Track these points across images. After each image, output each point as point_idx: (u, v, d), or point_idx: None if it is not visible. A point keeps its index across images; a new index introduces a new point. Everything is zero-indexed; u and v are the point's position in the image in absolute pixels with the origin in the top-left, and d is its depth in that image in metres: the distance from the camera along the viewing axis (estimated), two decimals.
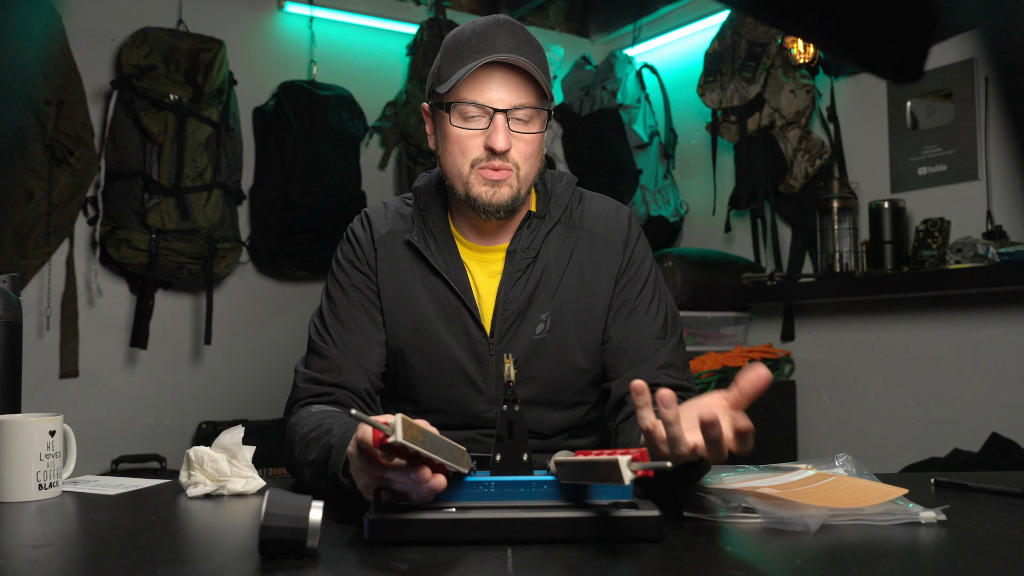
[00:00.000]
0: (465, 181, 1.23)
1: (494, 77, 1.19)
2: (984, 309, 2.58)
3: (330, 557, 0.81)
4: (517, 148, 1.21)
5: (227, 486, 1.13)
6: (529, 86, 1.20)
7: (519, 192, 1.23)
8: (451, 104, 1.21)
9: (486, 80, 1.19)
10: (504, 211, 1.23)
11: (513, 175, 1.22)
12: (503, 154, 1.20)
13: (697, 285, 2.98)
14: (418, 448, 0.79)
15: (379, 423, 0.78)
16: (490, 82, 1.19)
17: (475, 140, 1.21)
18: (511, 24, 1.23)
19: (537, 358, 1.26)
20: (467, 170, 1.22)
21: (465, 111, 1.21)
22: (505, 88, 1.19)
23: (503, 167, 1.21)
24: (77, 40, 2.89)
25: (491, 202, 1.21)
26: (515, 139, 1.21)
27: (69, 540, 0.95)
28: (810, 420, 3.01)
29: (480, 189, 1.21)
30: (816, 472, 1.10)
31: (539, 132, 1.23)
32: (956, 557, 0.84)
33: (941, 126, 2.70)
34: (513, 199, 1.23)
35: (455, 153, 1.23)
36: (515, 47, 1.19)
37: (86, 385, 2.96)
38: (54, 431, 1.14)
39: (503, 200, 1.22)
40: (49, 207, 2.81)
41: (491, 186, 1.21)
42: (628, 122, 3.39)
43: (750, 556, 0.84)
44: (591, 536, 0.85)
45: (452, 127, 1.21)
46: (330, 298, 1.32)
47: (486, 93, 1.19)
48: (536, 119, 1.22)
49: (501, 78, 1.19)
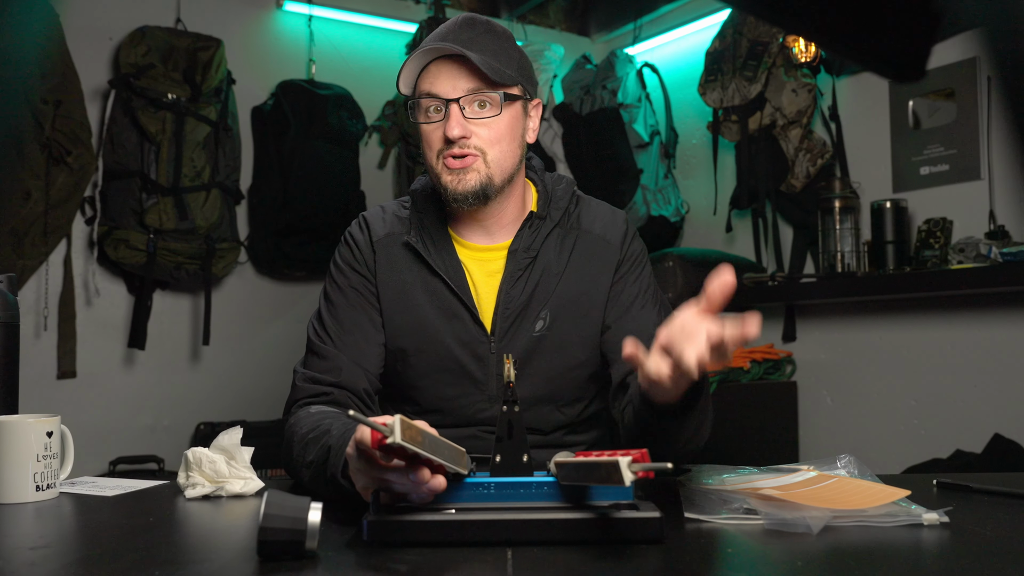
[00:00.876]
0: (436, 173, 1.27)
1: (443, 69, 1.24)
2: (987, 309, 2.57)
3: (329, 559, 0.81)
4: (478, 133, 1.24)
5: (225, 487, 1.13)
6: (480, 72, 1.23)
7: (489, 178, 1.25)
8: (411, 103, 1.28)
9: (437, 73, 1.24)
10: (472, 197, 1.25)
11: (480, 160, 1.25)
12: (462, 140, 1.23)
13: (698, 285, 2.92)
14: (417, 449, 0.79)
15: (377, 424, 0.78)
16: (440, 74, 1.24)
17: (437, 132, 1.26)
18: (471, 19, 1.28)
19: (537, 354, 1.28)
20: (435, 161, 1.27)
21: (422, 105, 1.26)
22: (453, 77, 1.23)
23: (463, 154, 1.24)
24: (75, 39, 2.87)
25: (457, 190, 1.25)
26: (475, 124, 1.24)
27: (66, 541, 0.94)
28: (811, 421, 3.00)
29: (447, 178, 1.26)
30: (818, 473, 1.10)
31: (496, 115, 1.25)
32: (959, 559, 0.83)
33: (943, 125, 2.69)
34: (483, 185, 1.25)
35: (424, 148, 1.28)
36: (467, 40, 1.24)
37: (84, 386, 2.95)
38: (51, 432, 1.14)
39: (469, 187, 1.25)
40: (46, 207, 2.79)
41: (455, 175, 1.25)
42: (629, 121, 3.38)
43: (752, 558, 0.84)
44: (591, 538, 0.85)
45: (419, 124, 1.27)
46: (328, 300, 1.34)
47: (436, 85, 1.24)
48: (493, 102, 1.24)
49: (449, 69, 1.24)
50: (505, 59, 1.26)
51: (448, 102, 1.23)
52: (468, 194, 1.25)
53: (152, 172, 2.89)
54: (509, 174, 1.28)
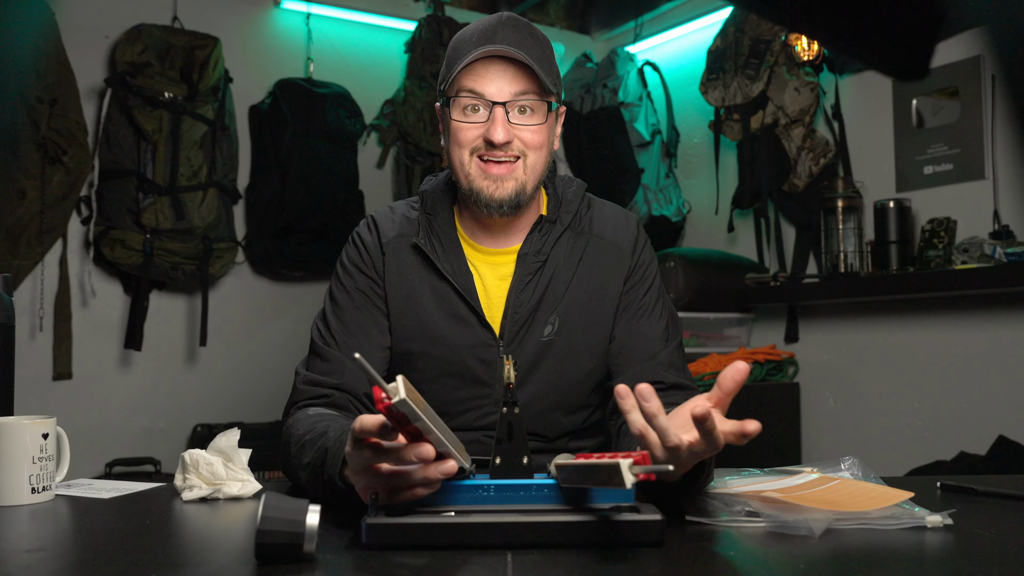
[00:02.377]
0: (467, 172, 1.24)
1: (492, 69, 1.21)
2: (991, 310, 2.56)
3: (327, 562, 0.81)
4: (520, 138, 1.22)
5: (223, 489, 1.13)
6: (529, 78, 1.21)
7: (524, 185, 1.24)
8: (451, 98, 1.23)
9: (484, 73, 1.21)
10: (508, 206, 1.24)
11: (519, 166, 1.23)
12: (504, 145, 1.21)
13: (699, 286, 2.96)
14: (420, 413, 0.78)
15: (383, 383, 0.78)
16: (488, 74, 1.21)
17: (474, 131, 1.23)
18: (514, 20, 1.24)
19: (544, 360, 1.28)
20: (467, 158, 1.23)
21: (464, 103, 1.22)
22: (503, 79, 1.21)
23: (504, 157, 1.22)
24: (70, 37, 2.86)
25: (493, 196, 1.23)
26: (517, 130, 1.22)
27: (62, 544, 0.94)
28: (814, 423, 2.99)
29: (482, 183, 1.23)
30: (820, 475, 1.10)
31: (541, 123, 1.23)
32: (963, 562, 0.83)
33: (947, 124, 2.68)
34: (518, 193, 1.23)
35: (454, 145, 1.24)
36: (516, 41, 1.21)
37: (80, 387, 2.94)
38: (47, 434, 1.14)
39: (506, 195, 1.23)
40: (42, 206, 2.78)
41: (493, 181, 1.22)
42: (630, 120, 3.37)
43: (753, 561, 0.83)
44: (592, 540, 0.85)
45: (453, 121, 1.23)
46: (334, 300, 1.32)
47: (484, 85, 1.21)
48: (539, 110, 1.23)
49: (499, 70, 1.21)
50: (547, 66, 1.24)
51: (494, 105, 1.20)
52: (504, 202, 1.23)
53: (148, 171, 2.88)
54: (540, 181, 1.28)
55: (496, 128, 1.20)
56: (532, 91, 1.21)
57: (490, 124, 1.20)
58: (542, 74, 1.20)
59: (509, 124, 1.21)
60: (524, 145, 1.22)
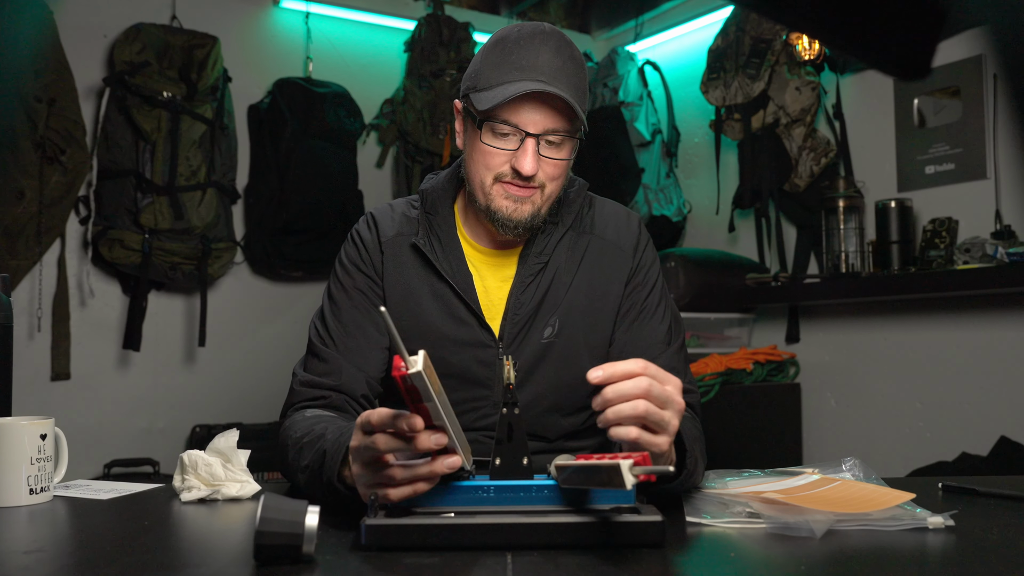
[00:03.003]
0: (487, 193, 1.23)
1: (531, 100, 1.19)
2: (993, 310, 2.55)
3: (326, 563, 0.81)
4: (544, 170, 1.22)
5: (221, 491, 1.12)
6: (565, 111, 1.20)
7: (540, 211, 1.24)
8: (484, 120, 1.21)
9: (522, 103, 1.19)
10: (523, 228, 1.24)
11: (537, 194, 1.22)
12: (529, 177, 1.20)
13: (700, 286, 2.95)
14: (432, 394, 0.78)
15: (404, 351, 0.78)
16: (526, 105, 1.19)
17: (502, 157, 1.21)
18: (556, 38, 1.21)
19: (544, 362, 1.27)
20: (489, 182, 1.23)
21: (497, 128, 1.20)
22: (540, 113, 1.19)
23: (528, 187, 1.22)
24: (69, 36, 2.86)
25: (511, 217, 1.22)
26: (543, 162, 1.21)
27: (60, 545, 0.94)
28: (815, 423, 2.99)
29: (502, 203, 1.22)
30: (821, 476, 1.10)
31: (568, 159, 1.23)
32: (964, 563, 0.83)
33: (949, 124, 2.67)
34: (533, 216, 1.23)
35: (480, 165, 1.23)
36: (557, 67, 1.19)
37: (78, 388, 2.93)
38: (45, 435, 1.14)
39: (523, 217, 1.23)
40: (40, 206, 2.78)
41: (513, 202, 1.22)
42: (630, 120, 3.36)
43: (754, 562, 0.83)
44: (592, 541, 0.85)
45: (482, 144, 1.22)
46: (332, 299, 1.31)
47: (520, 115, 1.19)
48: (567, 144, 1.22)
49: (537, 102, 1.19)
50: (582, 96, 1.23)
51: (527, 136, 1.19)
52: (520, 224, 1.23)
53: (147, 171, 2.88)
54: (554, 204, 1.28)
55: (525, 160, 1.19)
56: (564, 128, 1.20)
57: (520, 154, 1.19)
58: (579, 110, 1.19)
59: (538, 156, 1.20)
60: (546, 177, 1.22)
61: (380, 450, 0.87)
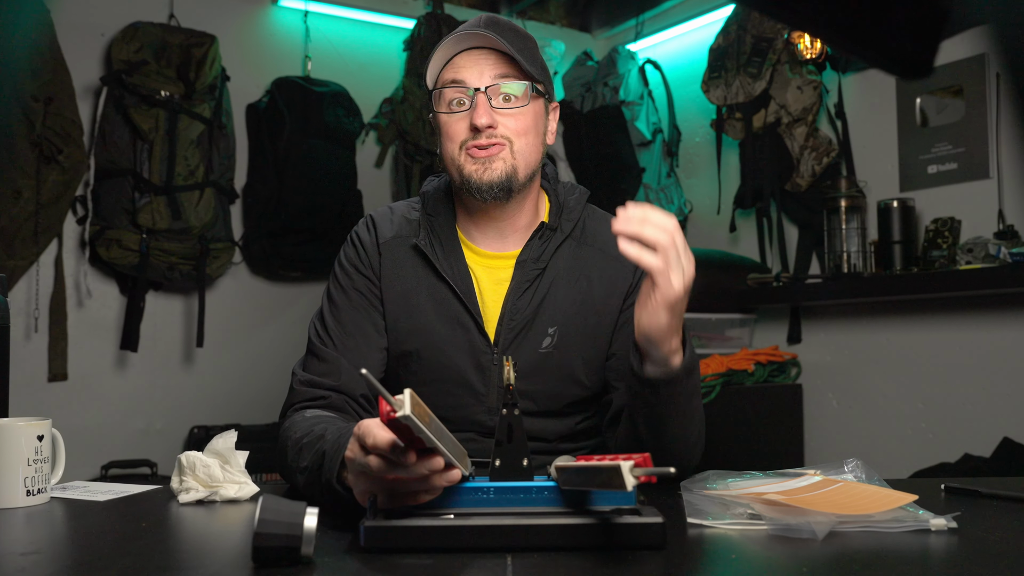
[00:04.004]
0: (458, 165, 1.24)
1: (471, 59, 1.24)
2: (995, 311, 2.54)
3: (325, 565, 0.80)
4: (505, 124, 1.23)
5: (220, 492, 1.12)
6: (509, 64, 1.23)
7: (516, 170, 1.23)
8: (433, 92, 1.26)
9: (463, 64, 1.24)
10: (498, 188, 1.23)
11: (506, 150, 1.23)
12: (489, 131, 1.21)
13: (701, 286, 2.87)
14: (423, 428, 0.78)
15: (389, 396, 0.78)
16: (467, 64, 1.23)
17: (461, 123, 1.23)
18: (494, 18, 1.26)
19: (540, 372, 1.27)
20: (457, 152, 1.24)
21: (447, 95, 1.24)
22: (481, 66, 1.23)
23: (490, 143, 1.22)
24: (66, 35, 2.85)
25: (483, 179, 1.22)
26: (501, 115, 1.23)
27: (57, 547, 0.94)
28: (817, 424, 2.98)
29: (471, 168, 1.23)
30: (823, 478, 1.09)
31: (524, 106, 1.24)
32: (967, 565, 0.82)
33: (951, 123, 2.67)
34: (509, 176, 1.23)
35: (445, 140, 1.25)
36: (490, 24, 1.24)
37: (75, 389, 2.92)
38: (42, 436, 1.14)
39: (495, 177, 1.22)
40: (37, 206, 2.77)
41: (480, 163, 1.22)
42: (631, 119, 3.35)
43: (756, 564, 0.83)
44: (592, 543, 0.85)
45: (439, 115, 1.25)
46: (331, 300, 1.32)
47: (463, 74, 1.23)
48: (525, 96, 1.24)
49: (478, 59, 1.23)
50: (529, 56, 1.25)
51: (475, 92, 1.22)
52: (493, 184, 1.22)
53: (145, 171, 2.87)
54: (532, 169, 1.27)
55: (478, 112, 1.20)
56: (512, 75, 1.23)
57: (472, 110, 1.21)
58: (520, 58, 1.21)
59: (492, 109, 1.22)
60: (508, 131, 1.23)
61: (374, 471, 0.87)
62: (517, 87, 1.23)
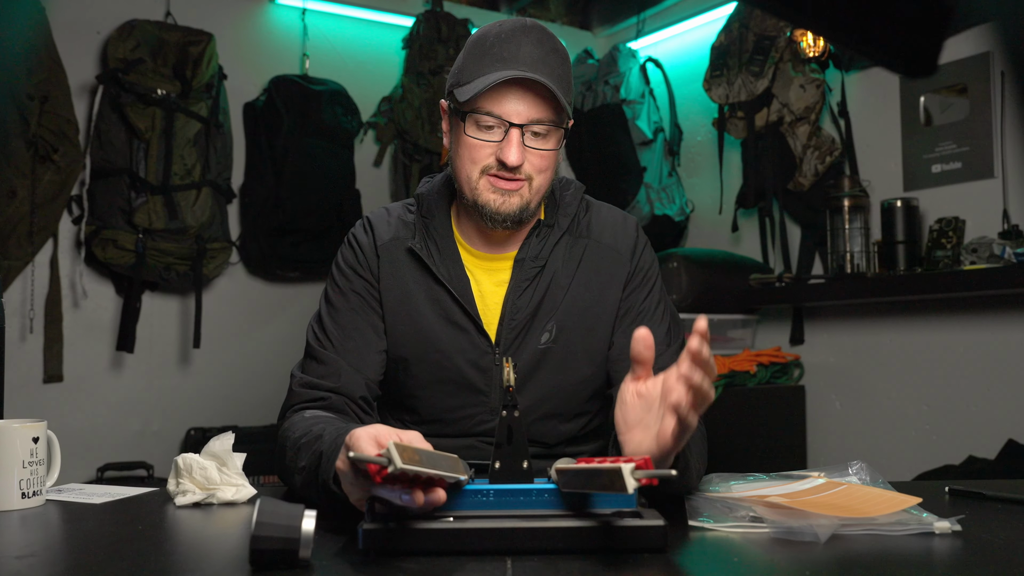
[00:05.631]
0: (473, 187, 1.23)
1: (513, 90, 1.19)
2: (1000, 311, 2.53)
3: (323, 568, 0.81)
4: (530, 162, 1.22)
5: (216, 494, 1.12)
6: (548, 105, 1.20)
7: (529, 204, 1.23)
8: (467, 113, 1.21)
9: (504, 92, 1.19)
10: (511, 221, 1.23)
11: (525, 187, 1.22)
12: (515, 168, 1.20)
13: (703, 286, 2.93)
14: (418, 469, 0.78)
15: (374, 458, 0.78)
16: (508, 95, 1.19)
17: (487, 150, 1.21)
18: (537, 31, 1.22)
19: (542, 367, 1.27)
20: (476, 176, 1.22)
21: (481, 120, 1.21)
22: (523, 102, 1.19)
23: (515, 179, 1.21)
24: (61, 33, 2.83)
25: (499, 210, 1.22)
26: (529, 153, 1.21)
27: (53, 550, 0.94)
28: (820, 426, 2.97)
29: (489, 196, 1.22)
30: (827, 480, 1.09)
31: (554, 149, 1.23)
32: (971, 569, 0.82)
33: (956, 122, 2.65)
34: (522, 210, 1.23)
35: (466, 159, 1.23)
36: (539, 58, 1.19)
37: (71, 390, 2.90)
38: (37, 438, 1.14)
39: (511, 209, 1.22)
40: (32, 206, 2.75)
41: (501, 195, 1.22)
42: (632, 118, 3.33)
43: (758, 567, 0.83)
44: (593, 546, 0.85)
45: (466, 136, 1.22)
46: (330, 303, 1.31)
47: (503, 105, 1.19)
48: (553, 135, 1.22)
49: (520, 91, 1.19)
50: (566, 87, 1.23)
51: (511, 126, 1.19)
52: (509, 216, 1.22)
53: (141, 170, 2.85)
54: (543, 200, 1.28)
55: (511, 150, 1.18)
56: (549, 118, 1.20)
57: (504, 145, 1.19)
58: (563, 99, 1.19)
59: (523, 147, 1.20)
60: (532, 168, 1.22)
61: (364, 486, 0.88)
62: (552, 130, 1.22)
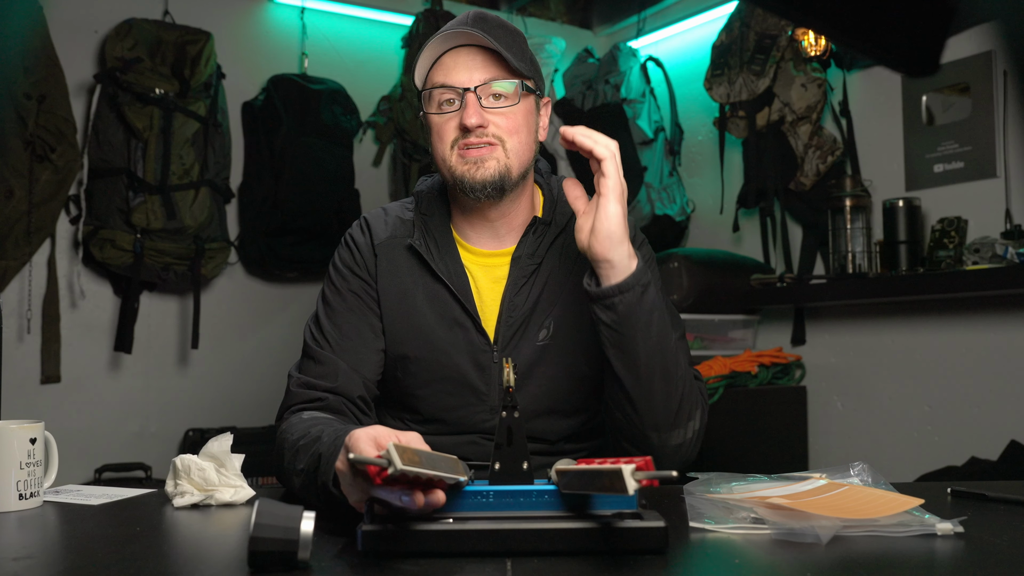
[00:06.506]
0: (449, 165, 1.24)
1: (460, 59, 1.23)
2: (1002, 311, 2.52)
3: (322, 569, 0.81)
4: (496, 123, 1.23)
5: (215, 496, 1.12)
6: (498, 63, 1.23)
7: (508, 168, 1.23)
8: (423, 93, 1.26)
9: (452, 64, 1.24)
10: (492, 187, 1.22)
11: (498, 149, 1.22)
12: (479, 130, 1.21)
13: (704, 287, 2.92)
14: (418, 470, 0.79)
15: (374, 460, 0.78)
16: (456, 64, 1.23)
17: (451, 123, 1.24)
18: (481, 14, 1.26)
19: (541, 364, 1.27)
20: (448, 152, 1.24)
21: (437, 96, 1.24)
22: (470, 66, 1.23)
23: (481, 142, 1.22)
24: (59, 32, 2.81)
25: (475, 178, 1.22)
26: (492, 114, 1.22)
27: (50, 552, 0.94)
28: (821, 427, 2.95)
29: (463, 168, 1.22)
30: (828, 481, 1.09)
31: (514, 104, 1.24)
32: (974, 570, 0.82)
33: (958, 121, 2.64)
34: (502, 175, 1.22)
35: (436, 140, 1.25)
36: (478, 21, 1.24)
37: (68, 391, 2.89)
38: (35, 439, 1.14)
39: (488, 175, 1.21)
40: (30, 206, 2.74)
41: (472, 163, 1.22)
42: (632, 117, 3.32)
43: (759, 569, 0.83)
44: (593, 548, 0.85)
45: (430, 116, 1.25)
46: (327, 303, 1.32)
47: (453, 74, 1.23)
48: (511, 93, 1.23)
49: (467, 58, 1.23)
50: (519, 52, 1.25)
51: (464, 92, 1.21)
52: (487, 183, 1.22)
53: (139, 170, 2.84)
54: (526, 167, 1.27)
55: (468, 113, 1.20)
56: (502, 76, 1.23)
57: (463, 110, 1.21)
58: (509, 56, 1.21)
59: (482, 109, 1.21)
60: (500, 130, 1.22)
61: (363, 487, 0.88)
62: (507, 85, 1.23)
